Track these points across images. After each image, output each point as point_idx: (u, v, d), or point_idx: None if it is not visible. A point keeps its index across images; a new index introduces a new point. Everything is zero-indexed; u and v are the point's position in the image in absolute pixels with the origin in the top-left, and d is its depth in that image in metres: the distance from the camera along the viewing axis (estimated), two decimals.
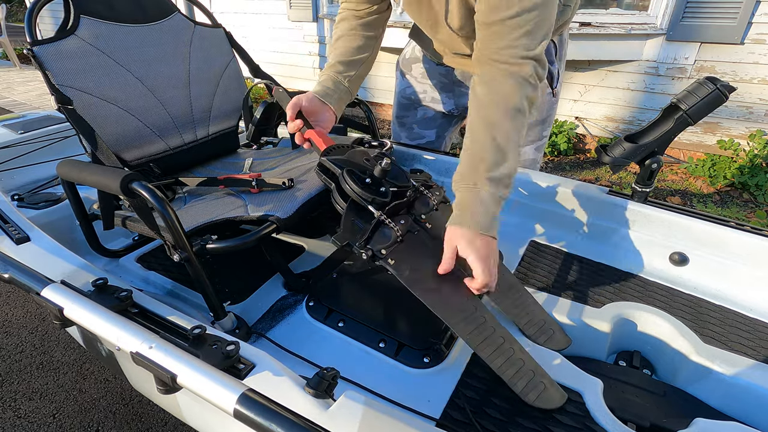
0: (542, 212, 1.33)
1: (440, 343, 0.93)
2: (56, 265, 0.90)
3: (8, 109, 4.62)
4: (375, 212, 0.89)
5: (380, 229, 0.89)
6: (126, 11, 1.19)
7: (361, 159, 1.00)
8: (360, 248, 0.86)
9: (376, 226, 0.88)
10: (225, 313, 0.96)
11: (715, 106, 1.03)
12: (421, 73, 1.41)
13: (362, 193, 0.89)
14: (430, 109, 1.45)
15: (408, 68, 1.44)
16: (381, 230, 0.89)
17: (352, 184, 0.89)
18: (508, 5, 0.82)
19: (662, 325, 0.99)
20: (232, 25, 4.83)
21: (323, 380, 0.64)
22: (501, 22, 0.84)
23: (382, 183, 0.93)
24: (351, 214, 0.89)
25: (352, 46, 1.13)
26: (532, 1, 0.81)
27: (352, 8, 1.14)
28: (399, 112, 1.53)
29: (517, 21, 0.83)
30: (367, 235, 0.87)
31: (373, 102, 4.38)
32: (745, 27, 2.70)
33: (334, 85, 1.10)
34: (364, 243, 0.86)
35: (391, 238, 0.88)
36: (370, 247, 0.86)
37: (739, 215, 2.63)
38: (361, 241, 0.86)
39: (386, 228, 0.89)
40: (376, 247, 0.86)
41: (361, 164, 0.98)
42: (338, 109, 1.11)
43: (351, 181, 0.90)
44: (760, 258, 1.06)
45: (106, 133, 1.11)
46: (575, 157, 3.49)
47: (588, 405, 0.81)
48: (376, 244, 0.87)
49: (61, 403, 1.45)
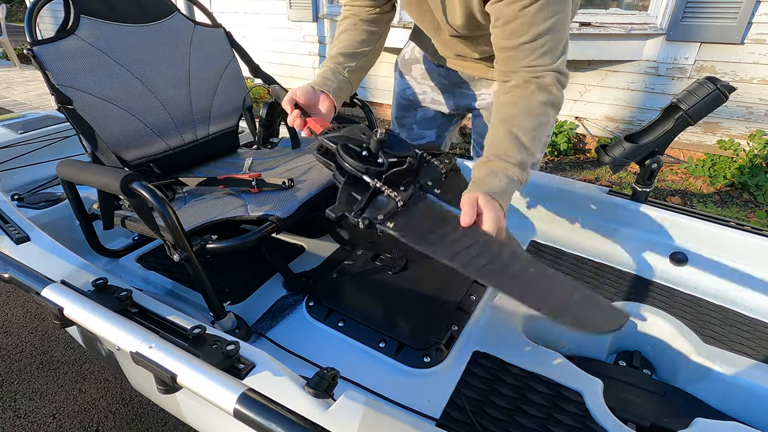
0: (542, 212, 1.33)
1: (440, 343, 0.93)
2: (56, 265, 0.90)
3: (8, 109, 4.62)
4: (370, 181, 0.87)
5: (377, 197, 0.86)
6: (126, 11, 1.19)
7: (358, 134, 0.97)
8: (356, 217, 0.83)
9: (372, 194, 0.86)
10: (225, 313, 0.96)
11: (715, 106, 1.03)
12: (420, 74, 1.40)
13: (356, 165, 0.87)
14: (430, 110, 1.45)
15: (407, 69, 1.43)
16: (378, 199, 0.86)
17: (346, 157, 0.88)
18: (523, 31, 0.83)
19: (662, 325, 0.99)
20: (232, 24, 4.83)
21: (323, 380, 0.64)
22: (518, 47, 0.85)
23: (378, 154, 0.91)
24: (348, 187, 0.87)
25: (354, 40, 1.11)
26: (546, 25, 0.82)
27: (355, 10, 1.13)
28: (398, 113, 1.53)
29: (533, 45, 0.84)
30: (363, 204, 0.84)
31: (372, 102, 4.38)
32: (745, 27, 2.70)
33: (333, 75, 1.07)
34: (360, 212, 0.83)
35: (389, 205, 0.85)
36: (367, 216, 0.83)
37: (739, 215, 2.63)
38: (357, 210, 0.83)
39: (383, 196, 0.87)
40: (373, 215, 0.83)
41: (358, 138, 0.95)
42: (338, 98, 1.07)
43: (345, 155, 0.88)
44: (760, 258, 1.06)
45: (106, 133, 1.11)
46: (575, 157, 3.49)
47: (588, 405, 0.81)
48: (373, 212, 0.83)
49: (61, 403, 1.45)
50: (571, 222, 1.29)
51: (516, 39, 0.85)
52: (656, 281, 1.13)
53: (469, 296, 1.06)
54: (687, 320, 1.00)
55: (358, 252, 1.21)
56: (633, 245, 1.21)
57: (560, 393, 0.84)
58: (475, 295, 1.07)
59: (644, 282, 1.13)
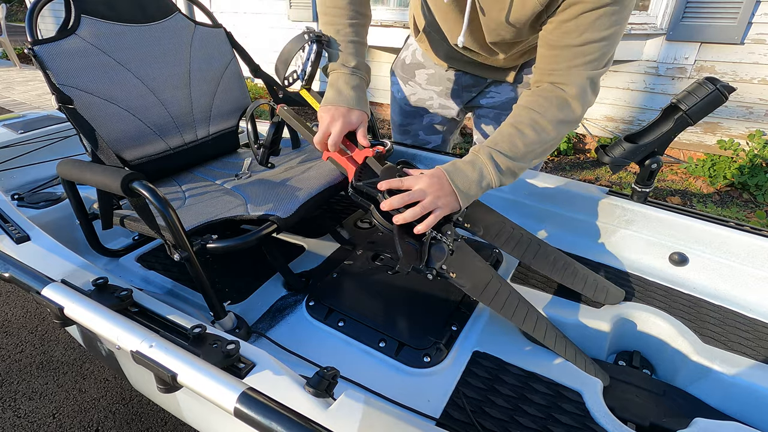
0: (542, 212, 1.33)
1: (440, 343, 0.93)
2: (56, 265, 0.90)
3: (8, 109, 4.62)
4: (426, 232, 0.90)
5: (434, 245, 0.90)
6: (127, 11, 1.19)
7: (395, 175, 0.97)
8: (426, 270, 0.87)
9: (430, 244, 0.89)
10: (225, 313, 0.96)
11: (715, 107, 1.03)
12: (426, 79, 1.36)
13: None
14: (438, 116, 1.41)
15: (410, 74, 1.38)
16: (435, 246, 0.90)
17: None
18: (578, 33, 0.82)
19: (662, 325, 0.99)
20: (232, 24, 4.83)
21: (323, 379, 0.64)
22: (568, 47, 0.85)
23: None
24: (403, 235, 0.88)
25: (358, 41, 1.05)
26: (601, 34, 0.82)
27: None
28: (402, 120, 1.47)
29: (583, 49, 0.84)
30: (427, 255, 0.88)
31: (373, 102, 4.38)
32: (745, 27, 2.70)
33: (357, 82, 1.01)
34: (426, 264, 0.88)
35: (445, 251, 0.90)
36: (433, 266, 0.87)
37: (739, 215, 2.63)
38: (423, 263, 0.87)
39: (438, 243, 0.90)
40: (436, 264, 0.88)
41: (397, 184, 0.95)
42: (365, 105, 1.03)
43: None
44: (760, 258, 1.06)
45: (106, 133, 1.11)
46: (575, 157, 3.49)
47: (588, 405, 0.81)
48: (435, 262, 0.88)
49: (61, 402, 1.45)
50: (570, 222, 1.29)
51: (569, 39, 0.84)
52: (656, 281, 1.13)
53: (469, 296, 1.06)
54: (687, 320, 1.00)
55: (358, 252, 1.21)
56: (633, 245, 1.21)
57: (560, 393, 0.84)
58: None
59: (644, 282, 1.13)
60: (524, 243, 1.09)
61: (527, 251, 1.08)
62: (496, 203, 1.38)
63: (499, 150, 0.88)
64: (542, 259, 1.07)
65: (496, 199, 1.37)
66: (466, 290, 0.89)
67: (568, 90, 0.87)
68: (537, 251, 1.08)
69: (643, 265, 1.19)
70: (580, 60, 0.85)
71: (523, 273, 1.17)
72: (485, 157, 0.88)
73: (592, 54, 0.84)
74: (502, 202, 1.37)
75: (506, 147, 0.89)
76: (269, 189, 1.14)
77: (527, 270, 1.18)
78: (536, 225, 1.34)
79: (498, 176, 0.89)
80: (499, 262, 1.21)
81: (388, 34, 3.63)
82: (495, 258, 1.21)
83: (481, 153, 0.89)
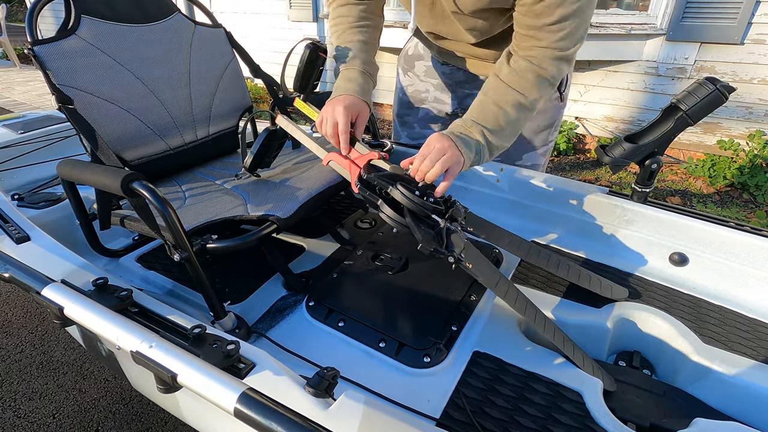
0: (542, 212, 1.33)
1: (440, 343, 0.93)
2: (56, 265, 0.90)
3: (8, 109, 4.62)
4: (440, 221, 0.91)
5: (451, 233, 0.92)
6: (127, 11, 1.19)
7: (402, 173, 0.99)
8: (447, 253, 0.89)
9: (447, 232, 0.91)
10: (225, 313, 0.96)
11: (715, 107, 1.03)
12: (424, 72, 1.39)
13: (423, 203, 0.91)
14: (433, 109, 1.44)
15: (410, 65, 1.41)
16: (453, 234, 0.92)
17: (411, 196, 0.90)
18: (550, 13, 0.84)
19: (662, 326, 0.99)
20: (232, 24, 4.83)
21: (323, 380, 0.64)
22: (541, 27, 0.87)
23: (427, 194, 0.94)
24: (418, 223, 0.90)
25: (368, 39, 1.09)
26: (572, 9, 0.84)
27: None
28: (400, 110, 1.51)
29: (557, 26, 0.86)
30: (446, 241, 0.89)
31: (373, 102, 4.38)
32: (745, 27, 2.70)
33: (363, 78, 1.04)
34: (447, 249, 0.89)
35: (462, 240, 0.91)
36: (453, 250, 0.89)
37: (739, 215, 2.63)
38: (444, 248, 0.89)
39: (453, 233, 0.92)
40: (456, 249, 0.90)
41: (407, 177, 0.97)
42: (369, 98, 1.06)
43: (409, 193, 0.90)
44: (760, 258, 1.06)
45: (106, 133, 1.11)
46: (575, 157, 3.49)
47: (588, 405, 0.81)
48: (455, 247, 0.90)
49: (61, 403, 1.45)
50: (571, 222, 1.29)
51: (542, 20, 0.86)
52: (656, 281, 1.13)
53: (469, 296, 1.06)
54: (687, 320, 1.00)
55: (358, 252, 1.21)
56: (633, 245, 1.21)
57: (560, 393, 0.84)
58: (475, 295, 1.07)
59: (644, 282, 1.13)
60: (525, 246, 1.10)
61: (529, 254, 1.09)
62: (497, 203, 1.38)
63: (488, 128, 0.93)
64: (544, 261, 1.09)
65: (496, 200, 1.37)
66: (482, 281, 0.91)
67: (546, 68, 0.90)
68: (538, 253, 1.09)
69: (643, 265, 1.19)
70: (555, 36, 0.87)
71: (523, 273, 1.17)
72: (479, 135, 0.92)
73: (566, 30, 0.86)
74: (502, 202, 1.37)
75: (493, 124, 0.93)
76: (269, 189, 1.14)
77: (527, 270, 1.18)
78: (536, 225, 1.34)
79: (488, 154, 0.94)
80: (499, 261, 1.22)
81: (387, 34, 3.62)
82: (495, 257, 1.21)
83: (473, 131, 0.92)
